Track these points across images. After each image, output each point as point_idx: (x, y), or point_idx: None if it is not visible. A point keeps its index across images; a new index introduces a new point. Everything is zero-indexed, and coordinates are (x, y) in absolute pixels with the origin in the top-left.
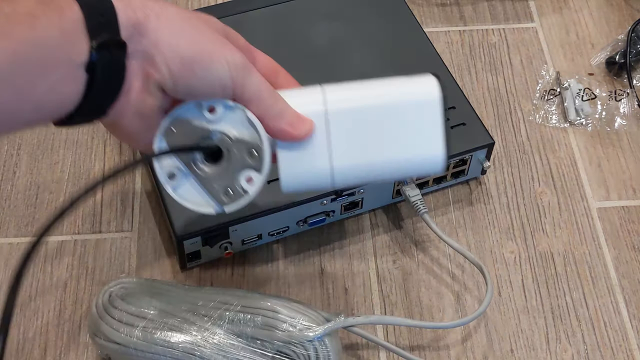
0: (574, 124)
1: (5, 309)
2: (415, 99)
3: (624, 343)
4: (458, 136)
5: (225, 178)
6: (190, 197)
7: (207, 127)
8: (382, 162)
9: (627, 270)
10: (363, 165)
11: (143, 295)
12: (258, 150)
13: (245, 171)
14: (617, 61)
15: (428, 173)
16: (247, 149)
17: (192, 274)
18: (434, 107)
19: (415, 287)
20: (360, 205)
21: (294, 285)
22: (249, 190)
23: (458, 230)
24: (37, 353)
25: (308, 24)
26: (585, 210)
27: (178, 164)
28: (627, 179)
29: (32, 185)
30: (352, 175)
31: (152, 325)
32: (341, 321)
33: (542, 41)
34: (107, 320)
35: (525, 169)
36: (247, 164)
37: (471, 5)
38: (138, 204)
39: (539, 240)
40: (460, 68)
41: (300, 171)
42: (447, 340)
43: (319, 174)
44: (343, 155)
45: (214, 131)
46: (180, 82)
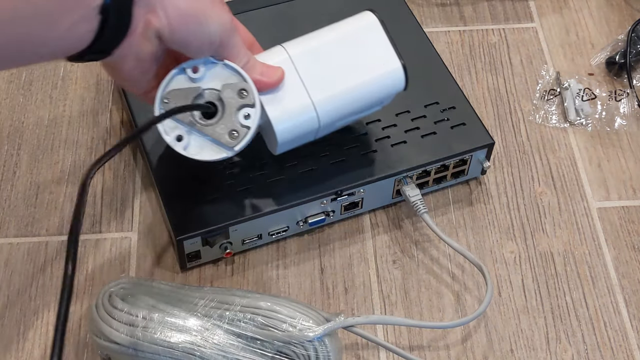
0: (574, 124)
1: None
2: (357, 26)
3: (624, 343)
4: (458, 136)
5: (226, 123)
6: (200, 151)
7: (195, 86)
8: (353, 87)
9: (627, 270)
10: (338, 94)
11: (143, 296)
12: (246, 89)
13: (241, 111)
14: (617, 61)
15: (395, 88)
16: (236, 91)
17: (192, 274)
18: (375, 29)
19: (415, 287)
20: (360, 205)
21: (294, 285)
22: (250, 125)
23: (458, 230)
24: (37, 353)
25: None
26: (585, 210)
27: (181, 127)
28: (627, 179)
29: (32, 185)
30: (332, 107)
31: (152, 325)
32: (341, 321)
33: (542, 41)
34: (107, 321)
35: (525, 169)
36: (240, 104)
37: (471, 5)
38: (138, 204)
39: (539, 240)
40: (460, 68)
41: (287, 114)
42: (447, 340)
43: (304, 111)
44: (318, 89)
45: (202, 90)
46: (177, 33)
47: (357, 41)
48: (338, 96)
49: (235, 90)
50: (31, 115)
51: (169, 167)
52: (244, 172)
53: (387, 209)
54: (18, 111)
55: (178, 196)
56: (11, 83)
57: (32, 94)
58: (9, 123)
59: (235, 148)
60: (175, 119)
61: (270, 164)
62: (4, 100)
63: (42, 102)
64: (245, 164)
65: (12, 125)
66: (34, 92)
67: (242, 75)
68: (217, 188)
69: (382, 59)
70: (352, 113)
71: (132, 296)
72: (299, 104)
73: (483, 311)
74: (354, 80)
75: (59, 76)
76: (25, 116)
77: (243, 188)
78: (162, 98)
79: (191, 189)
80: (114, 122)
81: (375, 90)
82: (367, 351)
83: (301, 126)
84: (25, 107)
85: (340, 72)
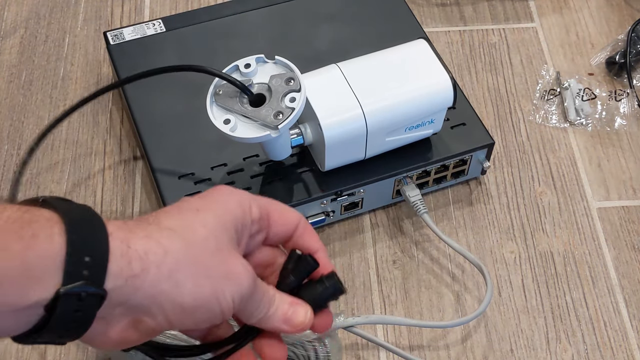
0: (574, 124)
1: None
2: (407, 47)
3: (624, 343)
4: (458, 136)
5: (272, 106)
6: (246, 133)
7: (246, 79)
8: (402, 98)
9: (627, 270)
10: (387, 103)
11: None
12: (293, 77)
13: (287, 95)
14: (617, 61)
15: (443, 103)
16: (284, 79)
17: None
18: (424, 49)
19: (415, 287)
20: (360, 205)
21: None
22: (295, 106)
23: (458, 230)
24: (37, 353)
25: (308, 24)
26: (585, 210)
27: (229, 113)
28: (627, 179)
29: (32, 185)
30: (380, 115)
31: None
32: (341, 321)
33: (542, 41)
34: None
35: (525, 169)
36: (287, 90)
37: (471, 5)
38: (138, 204)
39: (539, 240)
40: (460, 68)
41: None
42: (447, 340)
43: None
44: (367, 97)
45: (252, 82)
46: (178, 324)
47: (407, 59)
48: (387, 106)
49: (282, 79)
50: (31, 115)
51: (169, 167)
52: (244, 173)
53: (387, 209)
54: (18, 111)
55: (178, 196)
56: (11, 83)
57: (32, 94)
58: (9, 123)
59: (279, 126)
60: (223, 105)
61: (269, 165)
62: (4, 100)
63: (42, 102)
64: (246, 165)
65: (12, 125)
66: (34, 92)
67: (290, 66)
68: None
69: (431, 75)
70: (399, 124)
71: None
72: (348, 110)
73: (483, 311)
74: (403, 92)
75: (59, 76)
76: (25, 116)
77: (243, 189)
78: (215, 88)
79: (191, 189)
80: (114, 122)
81: (423, 103)
82: (367, 351)
83: (349, 133)
84: (25, 107)
85: (390, 85)
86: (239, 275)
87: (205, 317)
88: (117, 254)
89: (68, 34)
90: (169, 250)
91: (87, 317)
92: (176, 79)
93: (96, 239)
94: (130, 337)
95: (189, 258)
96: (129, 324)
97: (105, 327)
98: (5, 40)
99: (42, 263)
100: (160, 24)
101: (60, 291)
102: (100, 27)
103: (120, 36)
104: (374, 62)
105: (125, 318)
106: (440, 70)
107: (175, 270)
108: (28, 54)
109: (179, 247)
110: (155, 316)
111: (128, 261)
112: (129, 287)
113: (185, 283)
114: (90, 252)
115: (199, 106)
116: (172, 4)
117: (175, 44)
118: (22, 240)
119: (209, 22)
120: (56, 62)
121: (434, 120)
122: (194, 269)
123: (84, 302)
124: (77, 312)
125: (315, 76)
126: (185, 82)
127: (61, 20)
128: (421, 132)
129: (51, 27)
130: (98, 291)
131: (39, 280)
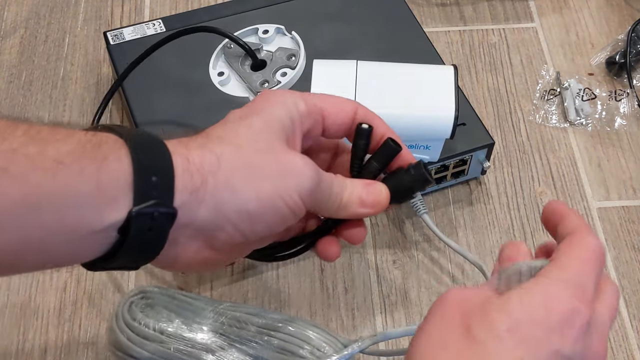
0: (574, 124)
1: None
2: (432, 68)
3: (624, 343)
4: (458, 136)
5: (264, 74)
6: (230, 89)
7: (258, 43)
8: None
9: (627, 270)
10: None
11: (162, 308)
12: (295, 54)
13: (282, 69)
14: (617, 61)
15: (441, 132)
16: (287, 54)
17: (193, 274)
18: (448, 76)
19: (415, 287)
20: None
21: (294, 285)
22: (282, 81)
23: (458, 230)
24: (37, 353)
25: (308, 24)
26: (585, 210)
27: (228, 68)
28: (627, 179)
29: None
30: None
31: (168, 341)
32: (358, 346)
33: (542, 41)
34: (125, 332)
35: (525, 169)
36: (285, 64)
37: (471, 5)
38: None
39: (539, 240)
40: (460, 68)
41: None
42: None
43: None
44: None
45: (262, 48)
46: (250, 233)
47: (425, 79)
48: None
49: (286, 53)
50: (31, 115)
51: None
52: None
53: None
54: (18, 111)
55: None
56: (11, 83)
57: (32, 94)
58: None
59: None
60: (227, 60)
61: None
62: (4, 100)
63: (42, 102)
64: None
65: None
66: (34, 92)
67: (300, 46)
68: None
69: (438, 100)
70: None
71: (151, 308)
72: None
73: None
74: (402, 106)
75: (59, 76)
76: (25, 116)
77: None
78: (226, 44)
79: None
80: (113, 122)
81: (418, 126)
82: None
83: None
84: (25, 107)
85: (394, 97)
86: (298, 170)
87: (276, 220)
88: (179, 171)
89: (68, 34)
90: (221, 157)
91: (160, 237)
92: (176, 79)
93: (160, 158)
94: (209, 257)
95: (241, 161)
96: (203, 245)
97: (181, 250)
98: (5, 40)
99: (114, 184)
100: (160, 24)
101: (132, 211)
102: (100, 27)
103: (120, 36)
104: (393, 71)
105: (197, 239)
106: (450, 100)
107: (230, 176)
108: (28, 54)
109: (229, 152)
110: (224, 228)
111: (190, 176)
112: (193, 201)
113: (243, 188)
114: (157, 171)
115: (199, 106)
116: (172, 4)
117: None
118: (95, 161)
119: (209, 22)
120: (56, 62)
121: (429, 147)
122: (248, 172)
123: (156, 222)
124: (150, 231)
125: (330, 65)
126: (185, 82)
127: (61, 20)
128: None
129: (51, 27)
130: (169, 210)
131: (112, 202)
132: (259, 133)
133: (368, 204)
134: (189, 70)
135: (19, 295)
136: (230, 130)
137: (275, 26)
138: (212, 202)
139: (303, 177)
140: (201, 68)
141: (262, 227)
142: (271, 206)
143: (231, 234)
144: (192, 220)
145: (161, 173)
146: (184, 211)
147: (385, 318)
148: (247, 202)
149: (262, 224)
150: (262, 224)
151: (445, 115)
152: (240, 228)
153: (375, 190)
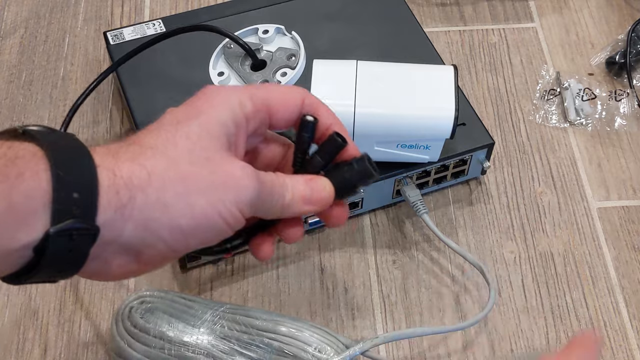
0: (574, 124)
1: None
2: (432, 68)
3: (624, 343)
4: (458, 136)
5: (264, 74)
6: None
7: (257, 43)
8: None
9: (627, 270)
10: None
11: (161, 313)
12: (295, 55)
13: (282, 69)
14: (617, 61)
15: (441, 133)
16: (287, 54)
17: (192, 274)
18: (447, 76)
19: (415, 287)
20: (360, 205)
21: (294, 285)
22: (282, 81)
23: (458, 230)
24: (37, 353)
25: (308, 24)
26: (585, 210)
27: (227, 68)
28: (627, 179)
29: None
30: (371, 122)
31: (168, 346)
32: (360, 347)
33: (542, 41)
34: (124, 337)
35: (525, 169)
36: (285, 64)
37: (471, 5)
38: None
39: (539, 240)
40: (460, 68)
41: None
42: (446, 340)
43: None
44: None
45: (262, 48)
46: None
47: (425, 79)
48: (380, 113)
49: (286, 53)
50: (31, 115)
51: None
52: None
53: (387, 209)
54: (18, 111)
55: None
56: (11, 83)
57: (32, 94)
58: (9, 123)
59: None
60: (226, 60)
61: None
62: (4, 100)
63: (42, 102)
64: None
65: (12, 125)
66: (34, 92)
67: (300, 46)
68: None
69: (438, 100)
70: (389, 137)
71: (151, 313)
72: (341, 105)
73: (490, 309)
74: (401, 106)
75: (59, 76)
76: (25, 116)
77: None
78: (227, 42)
79: None
80: (114, 122)
81: (417, 124)
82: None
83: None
84: (25, 107)
85: (394, 96)
86: (236, 181)
87: (211, 235)
88: (104, 186)
89: (68, 34)
90: (152, 171)
91: (79, 256)
92: (176, 79)
93: (84, 172)
94: (136, 270)
95: (175, 176)
96: (130, 259)
97: (104, 265)
98: (5, 40)
99: (29, 203)
100: (160, 24)
101: (49, 231)
102: (100, 27)
103: (120, 36)
104: (393, 71)
105: (123, 255)
106: (450, 100)
107: (162, 191)
108: (28, 54)
109: (162, 166)
110: (154, 246)
111: (116, 191)
112: (118, 219)
113: (175, 203)
114: (79, 187)
115: None
116: (172, 4)
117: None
118: (7, 179)
119: (209, 22)
120: (56, 62)
121: (429, 147)
122: (182, 187)
123: (75, 241)
124: (70, 251)
125: (330, 65)
126: (185, 82)
127: (61, 20)
128: (415, 154)
129: (51, 27)
130: (89, 229)
131: (26, 222)
132: (197, 142)
133: (312, 201)
134: (189, 70)
135: (19, 295)
136: (165, 139)
137: (275, 26)
138: (141, 219)
139: (242, 188)
140: (201, 68)
141: (196, 242)
142: (206, 222)
143: (161, 250)
144: (117, 237)
145: (83, 189)
146: (108, 228)
147: (385, 318)
148: (179, 219)
149: (196, 240)
150: (196, 240)
151: (445, 115)
152: (170, 244)
153: (318, 187)
